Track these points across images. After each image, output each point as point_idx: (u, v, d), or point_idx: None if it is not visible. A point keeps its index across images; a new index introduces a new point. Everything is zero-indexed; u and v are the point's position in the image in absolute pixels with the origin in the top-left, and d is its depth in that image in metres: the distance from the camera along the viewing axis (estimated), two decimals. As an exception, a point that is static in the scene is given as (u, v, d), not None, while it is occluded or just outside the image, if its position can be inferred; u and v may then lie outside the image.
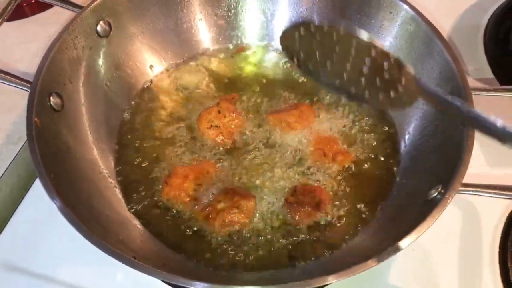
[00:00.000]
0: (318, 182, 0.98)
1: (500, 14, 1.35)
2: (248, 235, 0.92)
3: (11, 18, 1.30)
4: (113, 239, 0.82)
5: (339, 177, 1.00)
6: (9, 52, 1.23)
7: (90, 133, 1.00)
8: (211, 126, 1.04)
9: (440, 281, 0.94)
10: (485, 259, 0.95)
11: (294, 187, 0.97)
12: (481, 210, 1.01)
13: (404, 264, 0.95)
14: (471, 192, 0.79)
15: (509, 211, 1.00)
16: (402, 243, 0.73)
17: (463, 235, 0.98)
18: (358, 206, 0.96)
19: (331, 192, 0.97)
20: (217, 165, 1.01)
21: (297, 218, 0.93)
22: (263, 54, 1.21)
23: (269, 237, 0.92)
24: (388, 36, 1.07)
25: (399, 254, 0.94)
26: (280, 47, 1.12)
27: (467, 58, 1.26)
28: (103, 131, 1.03)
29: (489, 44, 1.30)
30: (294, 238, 0.92)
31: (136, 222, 0.95)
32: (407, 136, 1.03)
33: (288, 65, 1.18)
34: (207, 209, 0.93)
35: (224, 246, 0.91)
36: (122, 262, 0.71)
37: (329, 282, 0.70)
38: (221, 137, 1.04)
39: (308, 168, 1.01)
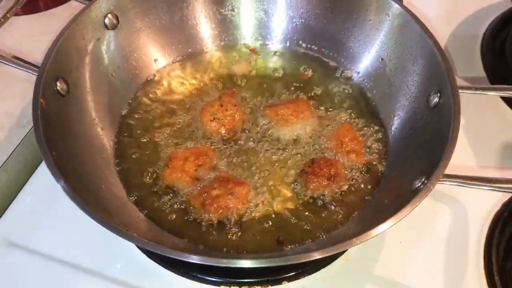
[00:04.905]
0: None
1: (497, 25, 1.38)
2: (241, 220, 0.96)
3: (25, 12, 1.36)
4: (113, 220, 0.85)
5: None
6: (22, 43, 1.29)
7: (94, 119, 1.05)
8: (214, 118, 1.09)
9: (426, 271, 0.96)
10: (471, 253, 0.98)
11: (312, 159, 1.03)
12: (469, 207, 1.04)
13: (391, 256, 0.98)
14: (451, 183, 0.82)
15: (496, 209, 1.03)
16: (382, 227, 0.76)
17: (450, 231, 1.01)
18: (346, 196, 1.00)
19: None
20: (218, 151, 1.06)
21: (310, 187, 0.99)
22: (263, 53, 1.26)
23: (260, 222, 0.96)
24: (382, 36, 1.11)
25: (386, 246, 0.98)
26: (279, 46, 1.18)
27: (464, 66, 1.29)
28: (106, 119, 1.08)
29: (485, 54, 1.33)
30: (283, 225, 0.96)
31: (135, 207, 0.99)
32: (395, 130, 1.07)
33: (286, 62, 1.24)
34: (203, 196, 0.97)
35: (217, 230, 0.95)
36: (114, 232, 0.75)
37: (314, 258, 0.74)
38: (223, 129, 1.09)
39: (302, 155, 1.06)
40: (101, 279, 0.94)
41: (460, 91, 0.92)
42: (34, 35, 1.32)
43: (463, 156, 1.10)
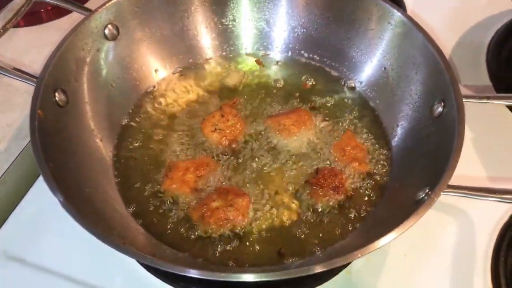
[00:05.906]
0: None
1: (503, 34, 1.36)
2: (242, 232, 0.95)
3: (27, 24, 1.36)
4: (111, 232, 0.85)
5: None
6: (23, 54, 1.28)
7: (93, 130, 1.04)
8: (215, 129, 1.08)
9: (432, 285, 0.94)
10: (477, 266, 0.96)
11: (316, 168, 1.02)
12: (475, 219, 1.02)
13: (395, 270, 0.95)
14: (456, 194, 0.80)
15: (503, 221, 1.01)
16: (385, 239, 0.74)
17: (456, 243, 0.99)
18: (350, 207, 0.98)
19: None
20: (219, 162, 1.05)
21: (314, 198, 0.98)
22: (265, 63, 1.25)
23: (261, 234, 0.94)
24: (385, 45, 1.10)
25: (390, 259, 0.96)
26: (281, 56, 1.16)
27: (469, 75, 1.28)
28: (106, 130, 1.07)
29: (491, 63, 1.31)
30: (285, 237, 0.94)
31: (133, 219, 0.97)
32: (399, 140, 1.06)
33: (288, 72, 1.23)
34: (202, 208, 0.95)
35: (217, 242, 0.93)
36: (111, 246, 0.74)
37: (316, 271, 0.72)
38: (225, 140, 1.07)
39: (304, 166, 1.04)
40: (100, 293, 0.93)
41: (464, 100, 0.90)
42: (36, 46, 1.32)
43: (470, 167, 1.08)
